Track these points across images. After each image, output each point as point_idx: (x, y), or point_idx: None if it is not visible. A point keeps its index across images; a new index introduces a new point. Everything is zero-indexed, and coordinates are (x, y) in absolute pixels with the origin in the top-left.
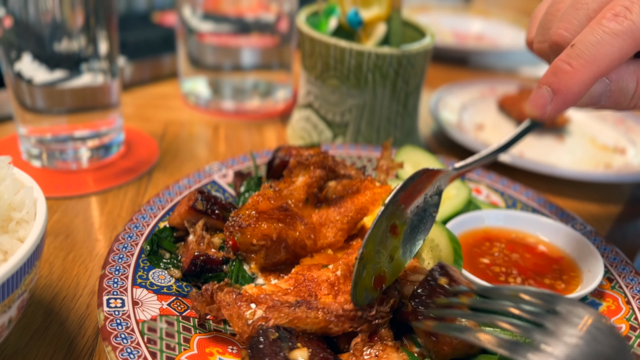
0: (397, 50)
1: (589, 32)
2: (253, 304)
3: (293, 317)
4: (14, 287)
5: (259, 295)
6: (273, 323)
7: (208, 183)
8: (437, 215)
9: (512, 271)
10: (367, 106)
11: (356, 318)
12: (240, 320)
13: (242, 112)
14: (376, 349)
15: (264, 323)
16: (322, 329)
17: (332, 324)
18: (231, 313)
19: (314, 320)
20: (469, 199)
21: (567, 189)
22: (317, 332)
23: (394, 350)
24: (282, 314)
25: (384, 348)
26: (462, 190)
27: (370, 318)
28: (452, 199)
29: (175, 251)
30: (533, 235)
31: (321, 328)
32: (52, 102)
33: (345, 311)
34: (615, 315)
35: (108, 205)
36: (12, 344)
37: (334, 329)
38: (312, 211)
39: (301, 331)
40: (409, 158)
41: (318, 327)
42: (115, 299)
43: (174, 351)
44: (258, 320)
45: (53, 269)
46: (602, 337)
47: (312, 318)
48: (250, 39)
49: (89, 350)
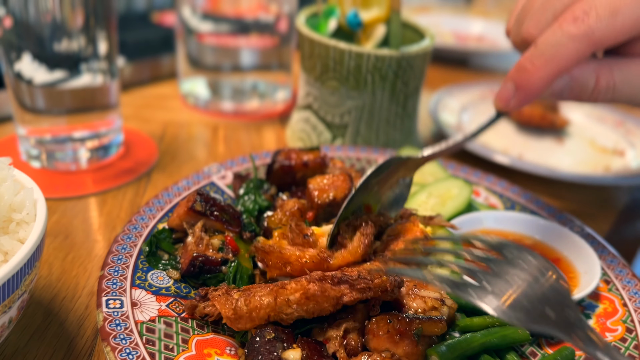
0: (397, 52)
1: (550, 33)
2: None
3: (273, 287)
4: (14, 287)
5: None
6: (255, 298)
7: (207, 184)
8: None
9: None
10: (366, 108)
11: (337, 280)
12: (228, 302)
13: (241, 113)
14: (372, 358)
15: (246, 297)
16: (304, 296)
17: (311, 286)
18: (220, 300)
19: (294, 286)
20: (470, 200)
21: (566, 191)
22: (303, 307)
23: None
24: (263, 287)
25: (381, 358)
26: (464, 190)
27: (351, 281)
28: (454, 199)
29: (174, 252)
30: (530, 237)
31: (303, 295)
32: (52, 102)
33: (327, 275)
34: (612, 317)
35: (107, 206)
36: (12, 344)
37: (315, 293)
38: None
39: (291, 317)
40: None
41: (301, 294)
42: (114, 299)
43: (173, 352)
44: (242, 296)
45: (52, 269)
46: (544, 280)
47: (293, 284)
48: (249, 39)
49: (88, 350)
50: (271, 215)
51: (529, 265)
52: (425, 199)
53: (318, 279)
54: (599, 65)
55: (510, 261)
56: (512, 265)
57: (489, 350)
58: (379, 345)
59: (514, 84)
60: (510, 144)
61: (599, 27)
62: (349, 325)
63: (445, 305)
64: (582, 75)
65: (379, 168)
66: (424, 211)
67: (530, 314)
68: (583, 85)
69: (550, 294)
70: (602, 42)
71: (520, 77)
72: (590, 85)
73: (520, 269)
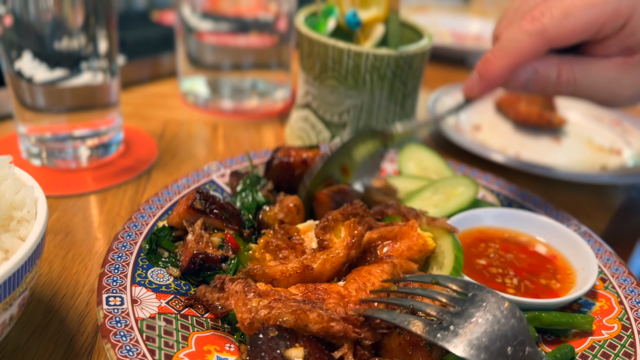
0: (395, 51)
1: (512, 30)
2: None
3: (297, 310)
4: (15, 285)
5: (268, 290)
6: (276, 314)
7: (207, 183)
8: (443, 211)
9: (508, 272)
10: (364, 107)
11: (359, 324)
12: (245, 306)
13: (240, 111)
14: None
15: (268, 312)
16: (325, 329)
17: (334, 324)
18: (237, 300)
19: (317, 318)
20: (475, 198)
21: (563, 190)
22: (321, 335)
23: None
24: (287, 306)
25: None
26: (469, 188)
27: (374, 325)
28: (459, 197)
29: (174, 250)
30: (527, 235)
31: (323, 328)
32: (52, 100)
33: (350, 315)
34: (608, 315)
35: (107, 204)
36: (12, 341)
37: (337, 331)
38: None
39: (304, 333)
40: (413, 156)
41: (321, 327)
42: (114, 297)
43: (173, 349)
44: (262, 308)
45: (53, 267)
46: (504, 318)
47: (316, 316)
48: (249, 38)
49: (88, 347)
50: (267, 210)
51: (490, 305)
52: (431, 195)
53: (342, 317)
54: (561, 61)
55: (472, 300)
56: (476, 306)
57: None
58: (393, 358)
59: (478, 73)
60: (507, 143)
61: (551, 25)
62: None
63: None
64: (545, 69)
65: (355, 137)
66: (428, 207)
67: (492, 353)
68: (546, 78)
69: (510, 333)
70: (555, 39)
71: (483, 67)
72: (553, 78)
73: (483, 309)
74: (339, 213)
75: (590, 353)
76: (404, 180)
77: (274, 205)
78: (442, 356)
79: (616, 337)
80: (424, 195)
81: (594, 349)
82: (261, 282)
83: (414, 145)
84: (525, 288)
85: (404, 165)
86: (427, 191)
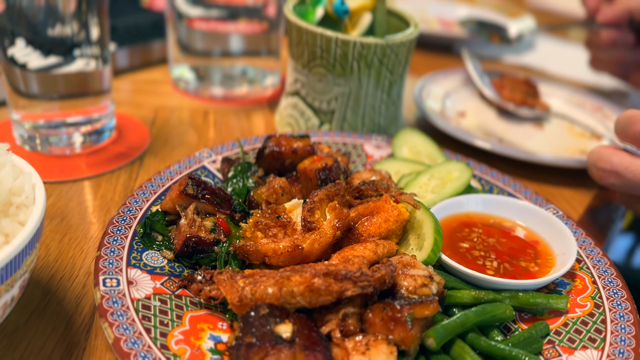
0: (382, 40)
1: None
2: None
3: (279, 279)
4: (16, 267)
5: (253, 272)
6: (261, 288)
7: (198, 168)
8: (440, 197)
9: (489, 255)
10: (352, 94)
11: (340, 276)
12: (233, 288)
13: (230, 98)
14: (367, 339)
15: (252, 286)
16: (309, 287)
17: (316, 280)
18: (226, 286)
19: (299, 279)
20: (469, 183)
21: (545, 175)
22: (306, 299)
23: (384, 342)
24: (270, 278)
25: (375, 339)
26: (464, 173)
27: (354, 278)
28: (454, 182)
29: (168, 234)
30: (510, 220)
31: (308, 287)
32: (46, 87)
33: (332, 271)
34: (582, 294)
35: (101, 189)
36: (12, 322)
37: (319, 286)
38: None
39: (293, 306)
40: (407, 140)
41: (305, 287)
42: (110, 278)
43: (167, 327)
44: (247, 285)
45: (49, 250)
46: None
47: (298, 277)
48: (238, 24)
49: (85, 327)
50: (257, 189)
51: None
52: (427, 180)
53: (323, 273)
54: None
55: None
56: None
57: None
58: (377, 333)
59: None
60: (490, 129)
61: None
62: (348, 311)
63: (434, 282)
64: None
65: None
66: (425, 193)
67: None
68: None
69: None
70: None
71: None
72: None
73: None
74: (324, 194)
75: (564, 329)
76: (397, 162)
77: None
78: (421, 331)
79: (588, 314)
80: (421, 182)
81: (568, 326)
82: (254, 258)
83: (408, 130)
84: (504, 270)
85: (397, 149)
86: (424, 177)
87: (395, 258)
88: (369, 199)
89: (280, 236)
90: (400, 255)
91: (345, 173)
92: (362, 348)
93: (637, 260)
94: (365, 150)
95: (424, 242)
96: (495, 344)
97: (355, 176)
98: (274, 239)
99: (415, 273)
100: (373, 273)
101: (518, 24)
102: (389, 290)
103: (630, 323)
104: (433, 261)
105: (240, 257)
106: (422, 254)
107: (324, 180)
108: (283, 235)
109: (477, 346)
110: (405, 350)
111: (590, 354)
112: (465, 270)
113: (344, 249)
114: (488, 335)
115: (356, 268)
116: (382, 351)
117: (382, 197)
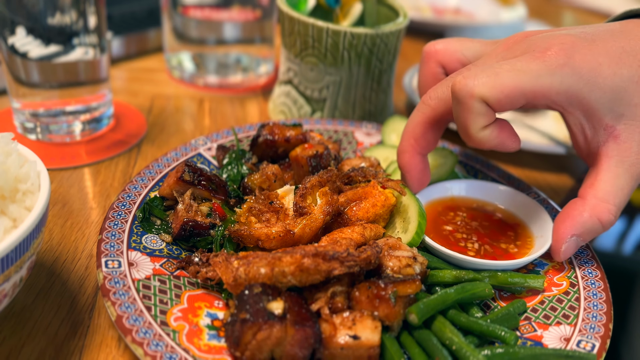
0: (371, 30)
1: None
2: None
3: (271, 260)
4: (24, 250)
5: (247, 254)
6: (254, 268)
7: (194, 156)
8: None
9: (471, 237)
10: (343, 83)
11: (328, 256)
12: (228, 269)
13: (225, 86)
14: (354, 315)
15: (246, 267)
16: (299, 267)
17: (305, 260)
18: (221, 267)
19: (289, 259)
20: (454, 168)
21: (530, 160)
22: (297, 278)
23: (369, 317)
24: (262, 259)
25: (361, 315)
26: (449, 159)
27: (341, 258)
28: (439, 168)
29: (166, 218)
30: (493, 204)
31: (298, 267)
32: (46, 76)
33: (320, 252)
34: (559, 273)
35: (101, 175)
36: (19, 302)
37: (309, 266)
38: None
39: (285, 285)
40: (395, 128)
41: (295, 267)
42: (112, 260)
43: (167, 305)
44: (240, 266)
45: (53, 235)
46: None
47: (289, 257)
48: (231, 12)
49: (89, 306)
50: (250, 175)
51: None
52: None
53: (312, 254)
54: None
55: None
56: None
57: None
58: (363, 309)
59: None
60: None
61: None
62: (336, 289)
63: (417, 262)
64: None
65: None
66: None
67: None
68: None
69: None
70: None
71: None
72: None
73: None
74: (316, 180)
75: (540, 307)
76: (386, 149)
77: (257, 172)
78: (404, 308)
79: (564, 292)
80: None
81: (544, 304)
82: (248, 242)
83: (397, 117)
84: (484, 251)
85: (386, 136)
86: None
87: (382, 240)
88: (357, 185)
89: (273, 221)
90: (386, 238)
91: (336, 160)
92: (349, 323)
93: (611, 242)
94: (356, 137)
95: (409, 225)
96: (475, 320)
97: (346, 162)
98: (267, 223)
99: (400, 254)
100: (359, 254)
101: (509, 12)
102: (375, 270)
103: (602, 301)
104: (417, 243)
105: (235, 241)
106: (407, 237)
107: (314, 167)
108: (276, 220)
109: (457, 322)
110: (389, 325)
111: (564, 329)
112: (447, 251)
113: (333, 232)
114: (468, 312)
115: (343, 249)
116: (367, 326)
117: (370, 183)
